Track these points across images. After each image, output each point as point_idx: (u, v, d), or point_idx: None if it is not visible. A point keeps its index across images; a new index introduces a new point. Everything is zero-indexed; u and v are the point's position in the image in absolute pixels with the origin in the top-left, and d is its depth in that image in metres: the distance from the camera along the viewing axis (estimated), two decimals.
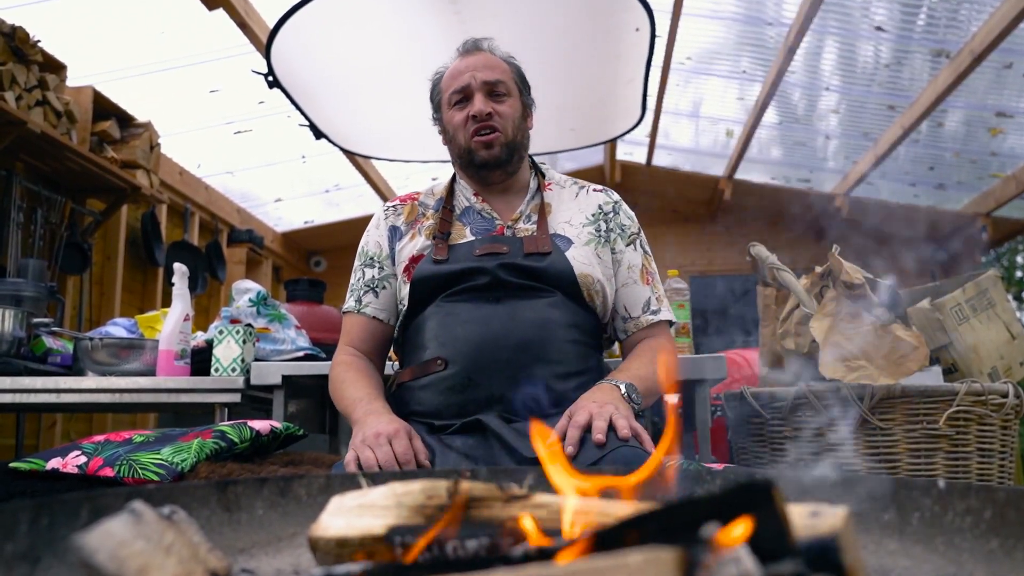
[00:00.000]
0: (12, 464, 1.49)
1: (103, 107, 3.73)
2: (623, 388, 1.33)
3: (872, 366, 1.68)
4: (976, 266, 5.94)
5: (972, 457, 1.67)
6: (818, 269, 1.87)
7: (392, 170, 5.56)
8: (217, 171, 4.99)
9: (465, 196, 1.59)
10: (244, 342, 1.97)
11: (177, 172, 4.67)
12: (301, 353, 2.12)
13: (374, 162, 5.33)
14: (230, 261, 5.26)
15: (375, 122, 3.64)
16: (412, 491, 0.59)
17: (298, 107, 3.29)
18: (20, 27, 3.07)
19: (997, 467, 1.70)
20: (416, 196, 1.65)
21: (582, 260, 1.48)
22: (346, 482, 0.80)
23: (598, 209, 1.59)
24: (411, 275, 1.49)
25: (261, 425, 1.63)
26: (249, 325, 2.03)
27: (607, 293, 1.51)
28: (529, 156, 1.65)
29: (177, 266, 2.04)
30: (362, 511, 0.59)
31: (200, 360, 2.06)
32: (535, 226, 1.53)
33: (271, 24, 2.85)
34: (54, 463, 1.47)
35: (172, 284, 2.04)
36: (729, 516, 0.42)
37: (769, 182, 6.05)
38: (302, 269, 6.58)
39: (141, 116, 3.98)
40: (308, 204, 5.95)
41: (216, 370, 1.96)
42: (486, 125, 1.51)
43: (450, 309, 1.44)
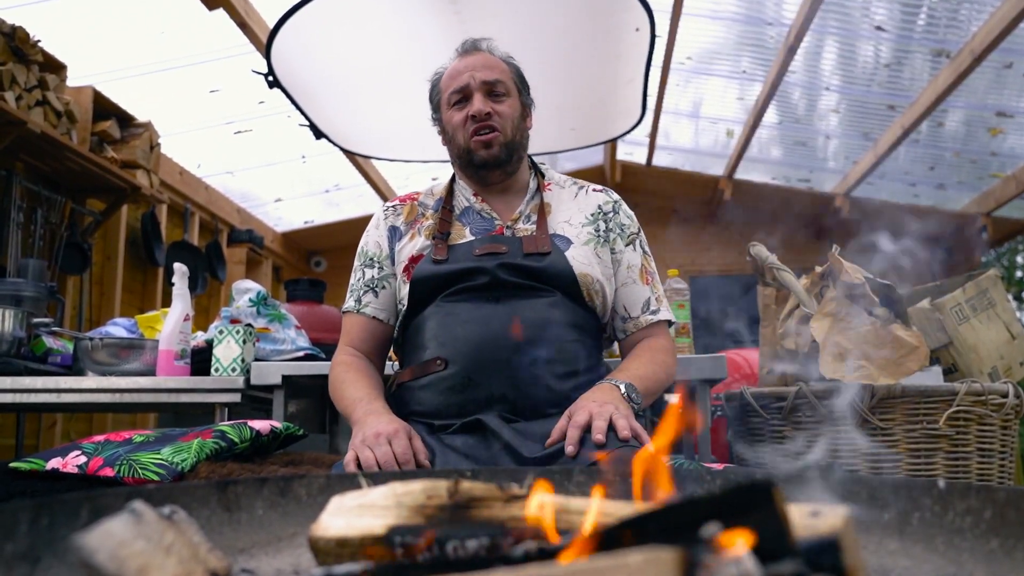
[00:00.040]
0: (12, 464, 1.49)
1: (103, 107, 3.73)
2: (623, 388, 1.33)
3: (872, 366, 1.68)
4: (976, 266, 5.94)
5: (972, 457, 1.67)
6: (818, 269, 1.87)
7: (392, 170, 5.56)
8: (217, 171, 4.99)
9: (464, 196, 1.59)
10: (244, 342, 1.97)
11: (177, 172, 4.67)
12: (301, 353, 2.13)
13: (374, 162, 5.33)
14: (230, 261, 5.26)
15: (375, 122, 3.64)
16: (412, 491, 0.59)
17: (298, 107, 3.29)
18: (20, 27, 3.07)
19: (997, 467, 1.70)
20: (416, 196, 1.65)
21: (582, 260, 1.48)
22: (346, 482, 0.80)
23: (597, 209, 1.59)
24: (411, 275, 1.49)
25: (261, 425, 1.63)
26: (249, 325, 2.03)
27: (606, 293, 1.51)
28: (528, 156, 1.65)
29: (177, 266, 2.04)
30: (362, 511, 0.59)
31: (200, 360, 2.06)
32: (534, 226, 1.53)
33: (271, 24, 2.85)
34: (54, 463, 1.47)
35: (172, 284, 2.04)
36: (729, 516, 0.42)
37: (769, 182, 6.05)
38: (302, 269, 6.58)
39: (141, 116, 3.98)
40: (308, 204, 5.95)
41: (216, 370, 1.96)
42: (485, 125, 1.51)
43: (450, 309, 1.44)
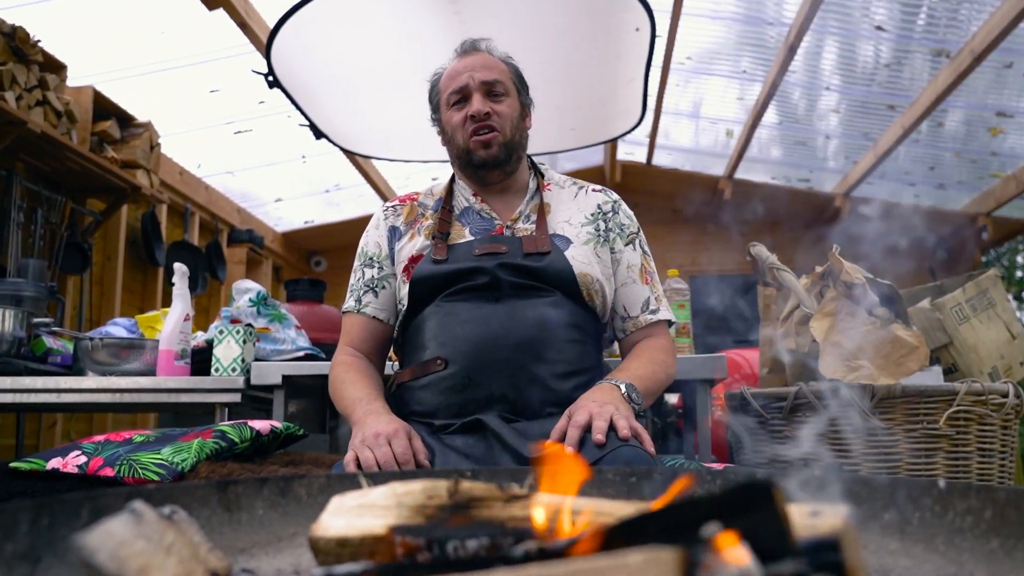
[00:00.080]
0: (12, 464, 1.49)
1: (103, 107, 3.73)
2: (623, 388, 1.33)
3: (872, 366, 1.68)
4: (976, 266, 5.94)
5: (972, 457, 1.67)
6: (818, 269, 1.88)
7: (392, 170, 5.56)
8: (217, 171, 4.99)
9: (464, 196, 1.59)
10: (244, 342, 1.97)
11: (177, 172, 4.67)
12: (301, 353, 2.13)
13: (374, 162, 5.33)
14: (230, 261, 5.26)
15: (375, 122, 3.64)
16: (412, 491, 0.59)
17: (298, 107, 3.29)
18: (20, 27, 3.07)
19: (997, 467, 1.70)
20: (415, 196, 1.65)
21: (581, 259, 1.48)
22: (346, 482, 0.80)
23: (597, 209, 1.59)
24: (410, 275, 1.49)
25: (261, 425, 1.63)
26: (249, 325, 2.03)
27: (606, 292, 1.51)
28: (528, 156, 1.65)
29: (177, 266, 2.04)
30: (362, 511, 0.59)
31: (200, 360, 2.06)
32: (534, 226, 1.53)
33: (271, 24, 2.85)
34: (54, 463, 1.47)
35: (172, 284, 2.04)
36: (730, 516, 0.42)
37: (769, 182, 6.05)
38: (302, 269, 6.58)
39: (141, 116, 3.98)
40: (308, 204, 5.95)
41: (216, 370, 1.96)
42: (484, 125, 1.51)
43: (450, 309, 1.44)
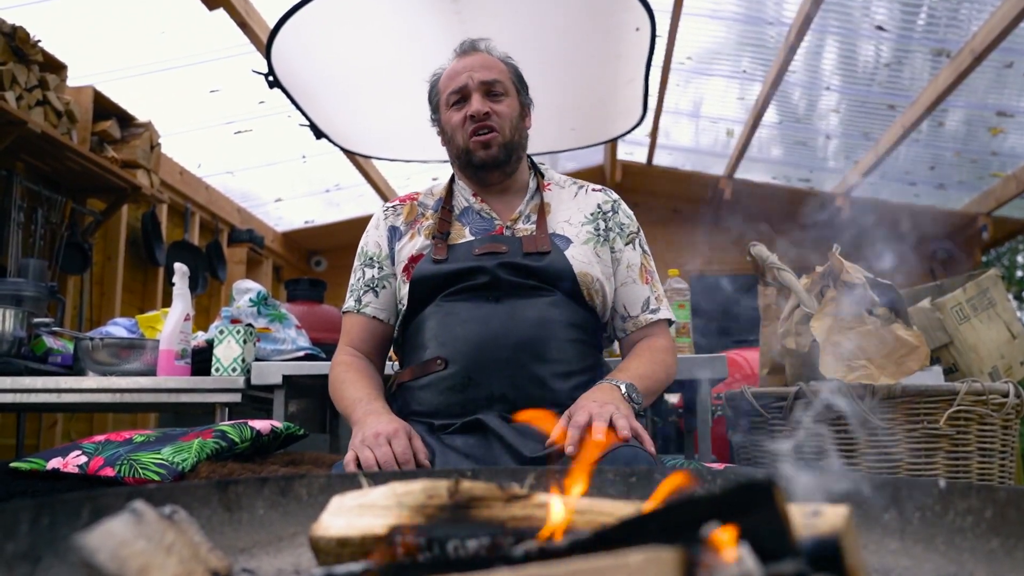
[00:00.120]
0: (13, 464, 1.49)
1: (103, 107, 3.73)
2: (623, 388, 1.33)
3: (872, 366, 1.68)
4: (976, 266, 5.93)
5: (973, 457, 1.67)
6: (818, 269, 1.87)
7: (392, 170, 5.56)
8: (217, 171, 4.99)
9: (464, 196, 1.59)
10: (245, 342, 1.97)
11: (177, 172, 4.67)
12: (301, 353, 2.13)
13: (374, 162, 5.33)
14: (230, 261, 5.26)
15: (375, 122, 3.64)
16: (413, 491, 0.59)
17: (298, 107, 3.29)
18: (20, 27, 3.07)
19: (998, 467, 1.70)
20: (415, 196, 1.65)
21: (581, 259, 1.48)
22: (347, 482, 0.80)
23: (597, 208, 1.59)
24: (411, 275, 1.49)
25: (262, 425, 1.63)
26: (250, 325, 2.03)
27: (606, 292, 1.51)
28: (528, 156, 1.65)
29: (178, 266, 2.04)
30: (363, 511, 0.59)
31: (201, 360, 2.06)
32: (534, 226, 1.53)
33: (271, 24, 2.85)
34: (55, 463, 1.47)
35: (172, 284, 2.04)
36: (730, 516, 0.42)
37: (770, 181, 6.05)
38: (302, 269, 6.58)
39: (141, 116, 3.98)
40: (308, 204, 5.94)
41: (217, 370, 1.96)
42: (484, 125, 1.51)
43: (450, 309, 1.44)
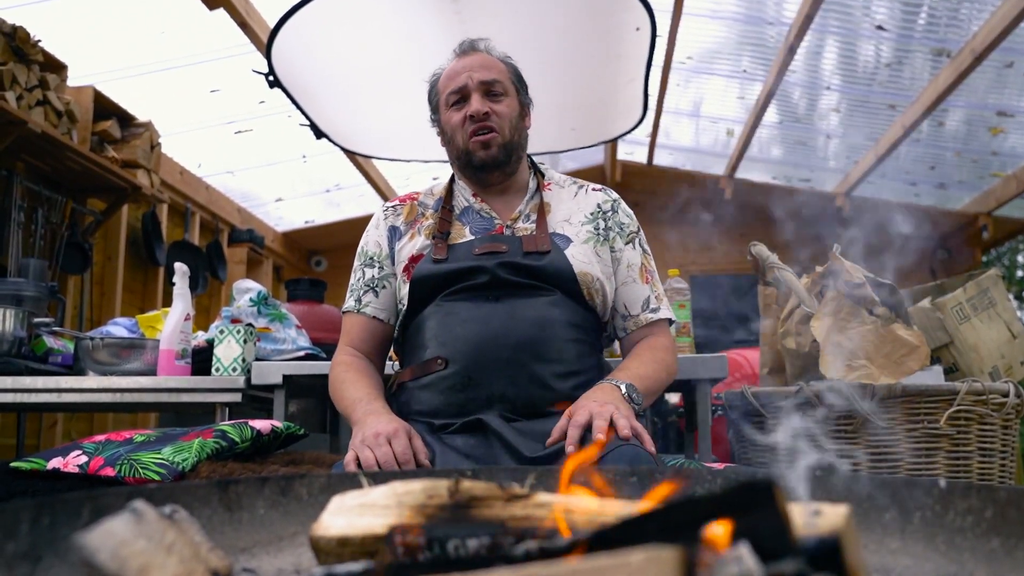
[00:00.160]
0: (13, 464, 1.49)
1: (104, 107, 3.73)
2: (623, 388, 1.33)
3: (873, 365, 1.68)
4: (977, 265, 5.93)
5: (973, 456, 1.67)
6: (819, 268, 1.87)
7: (393, 170, 5.56)
8: (218, 171, 4.99)
9: (464, 196, 1.59)
10: (245, 342, 1.97)
11: (178, 172, 4.67)
12: (302, 353, 2.13)
13: (375, 162, 5.33)
14: (231, 261, 5.26)
15: (375, 122, 3.64)
16: (413, 490, 0.59)
17: (299, 107, 3.28)
18: (21, 27, 3.07)
19: (998, 466, 1.70)
20: (415, 196, 1.65)
21: (581, 258, 1.48)
22: (347, 481, 0.80)
23: (597, 208, 1.59)
24: (411, 275, 1.49)
25: (262, 425, 1.63)
26: (250, 325, 2.03)
27: (606, 291, 1.51)
28: (528, 156, 1.65)
29: (178, 266, 2.04)
30: (363, 510, 0.59)
31: (201, 360, 2.06)
32: (534, 225, 1.53)
33: (272, 24, 2.85)
34: (55, 463, 1.47)
35: (173, 284, 2.04)
36: (730, 515, 0.42)
37: (770, 181, 6.05)
38: (303, 269, 6.58)
39: (142, 116, 3.98)
40: (309, 204, 5.95)
41: (217, 370, 1.96)
42: (484, 125, 1.51)
43: (450, 308, 1.44)
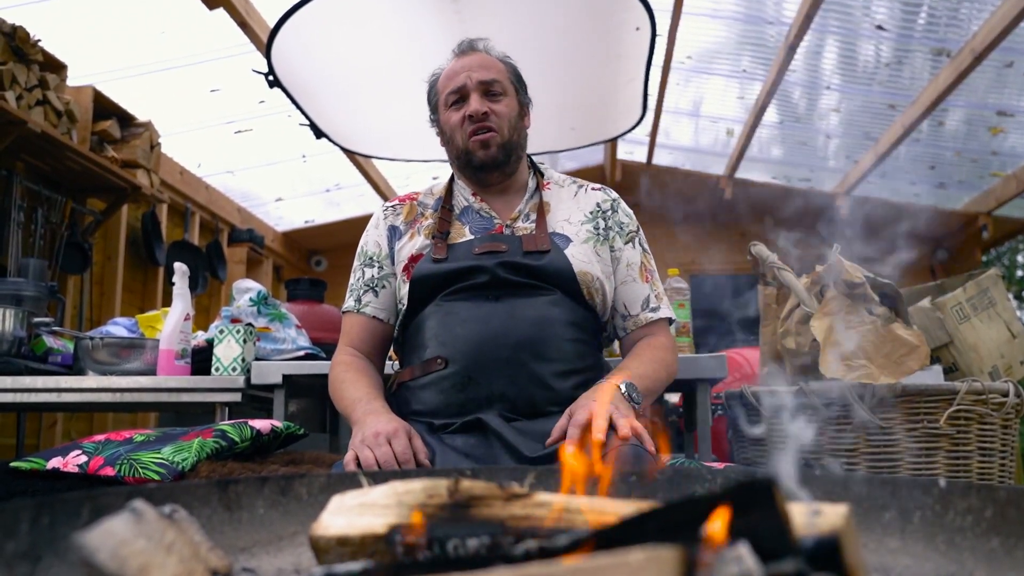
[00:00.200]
0: (13, 463, 1.49)
1: (103, 107, 3.73)
2: (623, 387, 1.33)
3: (872, 365, 1.68)
4: (977, 265, 5.93)
5: (973, 456, 1.67)
6: (818, 268, 1.87)
7: (393, 169, 5.56)
8: (217, 170, 4.99)
9: (464, 196, 1.59)
10: (245, 341, 1.97)
11: (177, 172, 4.67)
12: (302, 352, 2.13)
13: (375, 161, 5.33)
14: (231, 260, 5.26)
15: (375, 121, 3.64)
16: (413, 490, 0.59)
17: (298, 106, 3.28)
18: (20, 27, 3.07)
19: (998, 466, 1.70)
20: (415, 196, 1.65)
21: (581, 258, 1.48)
22: (347, 481, 0.80)
23: (596, 207, 1.59)
24: (411, 274, 1.49)
25: (262, 424, 1.63)
26: (250, 324, 2.03)
27: (606, 291, 1.51)
28: (528, 156, 1.65)
29: (178, 265, 2.04)
30: (363, 510, 0.59)
31: (201, 359, 2.06)
32: (534, 225, 1.53)
33: (271, 23, 2.85)
34: (55, 462, 1.47)
35: (173, 283, 2.04)
36: (730, 515, 0.42)
37: (770, 181, 6.04)
38: (303, 268, 6.58)
39: (141, 116, 3.98)
40: (309, 203, 5.94)
41: (217, 369, 1.96)
42: (483, 125, 1.51)
43: (449, 308, 1.44)
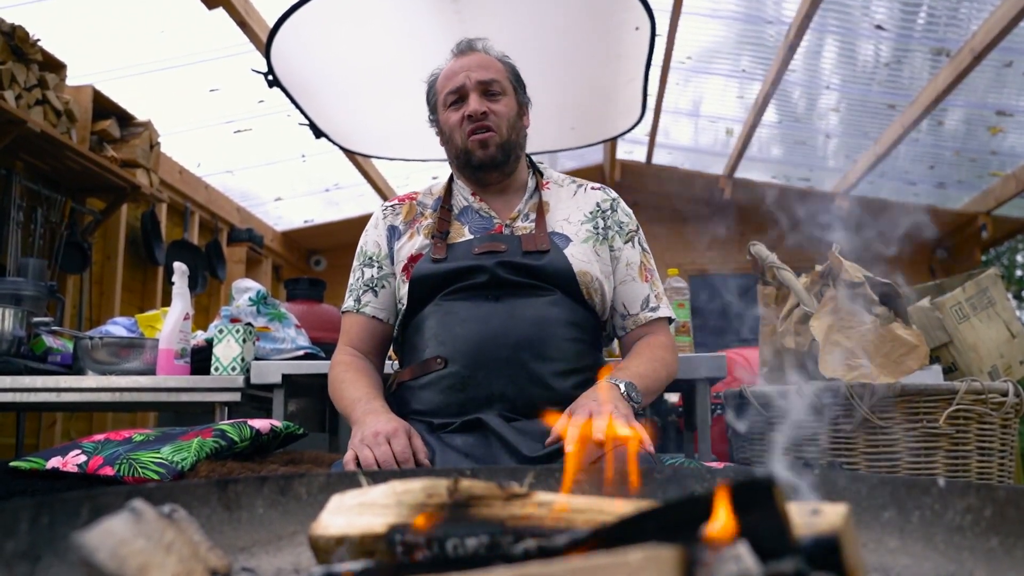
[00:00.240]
0: (12, 463, 1.49)
1: (103, 106, 3.73)
2: (623, 387, 1.33)
3: (872, 365, 1.68)
4: (976, 265, 5.93)
5: (972, 455, 1.67)
6: (818, 268, 1.87)
7: (392, 169, 5.56)
8: (217, 170, 4.99)
9: (463, 196, 1.59)
10: (244, 341, 1.97)
11: (177, 171, 4.67)
12: (301, 352, 2.13)
13: (374, 161, 5.33)
14: (230, 260, 5.26)
15: (375, 121, 3.64)
16: (412, 489, 0.59)
17: (298, 106, 3.28)
18: (20, 26, 3.06)
19: (997, 465, 1.70)
20: (414, 196, 1.65)
21: (580, 258, 1.48)
22: (346, 481, 0.80)
23: (596, 207, 1.59)
24: (410, 274, 1.49)
25: (261, 424, 1.63)
26: (249, 324, 2.03)
27: (606, 290, 1.51)
28: (527, 155, 1.65)
29: (177, 265, 2.04)
30: (362, 509, 0.59)
31: (200, 359, 2.06)
32: (533, 224, 1.53)
33: (271, 23, 2.85)
34: (54, 462, 1.47)
35: (172, 283, 2.04)
36: (729, 515, 0.42)
37: (769, 181, 6.04)
38: (302, 268, 6.58)
39: (141, 115, 3.98)
40: (308, 203, 5.94)
41: (216, 369, 1.96)
42: (481, 125, 1.51)
43: (449, 308, 1.44)
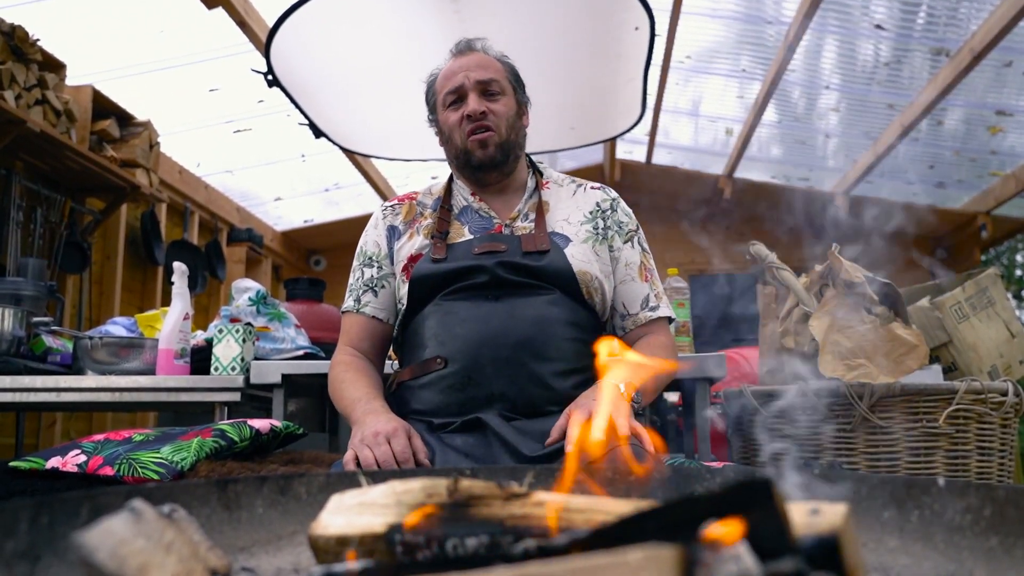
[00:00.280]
0: (12, 463, 1.49)
1: (102, 106, 3.73)
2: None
3: (872, 364, 1.68)
4: (976, 264, 5.93)
5: (972, 455, 1.67)
6: (818, 268, 1.88)
7: (392, 169, 5.56)
8: (217, 170, 4.99)
9: (463, 196, 1.59)
10: (244, 341, 1.97)
11: (177, 171, 4.67)
12: (301, 352, 2.13)
13: (374, 161, 5.33)
14: (230, 260, 5.26)
15: (375, 121, 3.63)
16: (412, 489, 0.59)
17: (297, 106, 3.28)
18: (19, 26, 3.06)
19: (996, 465, 1.70)
20: (414, 196, 1.65)
21: (580, 257, 1.48)
22: (346, 480, 0.80)
23: (596, 207, 1.59)
24: (410, 274, 1.49)
25: (261, 424, 1.63)
26: (249, 324, 2.03)
27: (605, 290, 1.51)
28: (527, 155, 1.65)
29: (177, 265, 2.04)
30: (362, 509, 0.59)
31: (200, 359, 2.06)
32: (533, 224, 1.53)
33: (270, 23, 2.85)
34: (54, 462, 1.47)
35: (172, 283, 2.04)
36: (729, 514, 0.42)
37: (769, 180, 6.04)
38: (302, 268, 6.58)
39: (141, 115, 3.98)
40: (308, 203, 5.94)
41: (216, 369, 1.96)
42: (481, 124, 1.51)
43: (449, 308, 1.44)
